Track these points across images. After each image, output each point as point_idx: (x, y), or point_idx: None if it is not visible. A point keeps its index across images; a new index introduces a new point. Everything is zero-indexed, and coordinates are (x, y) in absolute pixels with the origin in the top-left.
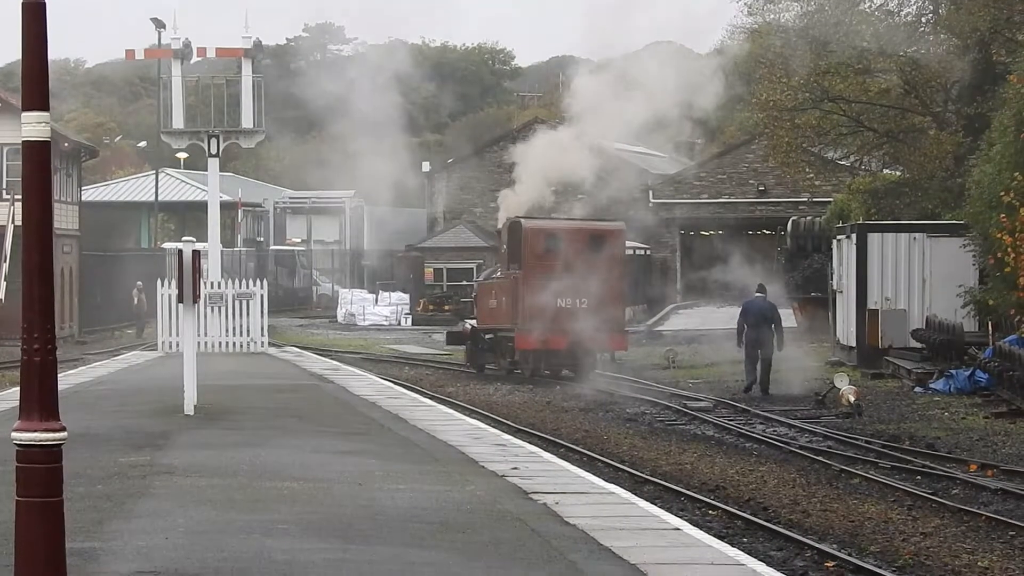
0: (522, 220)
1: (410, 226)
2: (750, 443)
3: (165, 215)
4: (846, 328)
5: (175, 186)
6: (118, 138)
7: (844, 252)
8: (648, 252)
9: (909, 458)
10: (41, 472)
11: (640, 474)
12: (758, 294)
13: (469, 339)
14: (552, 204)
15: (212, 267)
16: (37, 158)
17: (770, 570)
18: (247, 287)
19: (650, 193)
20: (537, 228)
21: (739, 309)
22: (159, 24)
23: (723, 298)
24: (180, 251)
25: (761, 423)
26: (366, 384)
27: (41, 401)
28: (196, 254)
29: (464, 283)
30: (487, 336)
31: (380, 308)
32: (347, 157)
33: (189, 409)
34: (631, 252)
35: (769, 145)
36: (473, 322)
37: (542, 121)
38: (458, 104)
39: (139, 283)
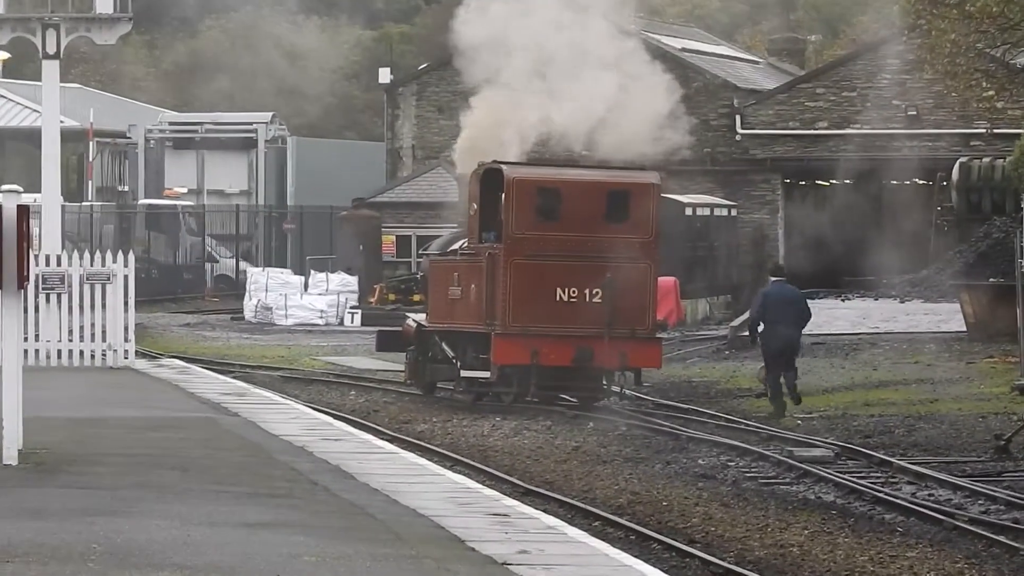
0: (503, 167)
1: (360, 169)
2: (892, 513)
3: None
4: None
5: None
6: None
7: None
8: (734, 213)
9: None
10: None
11: (720, 563)
12: (776, 278)
13: (413, 344)
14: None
15: (49, 232)
16: None
17: None
18: (102, 263)
19: (737, 119)
20: (527, 180)
21: (866, 301)
22: None
23: (852, 285)
24: None
25: (910, 482)
26: (289, 418)
27: None
28: (23, 212)
29: None
30: (443, 341)
31: (312, 298)
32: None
33: (11, 457)
34: (707, 213)
35: (925, 45)
36: (421, 318)
37: None
38: None
39: None
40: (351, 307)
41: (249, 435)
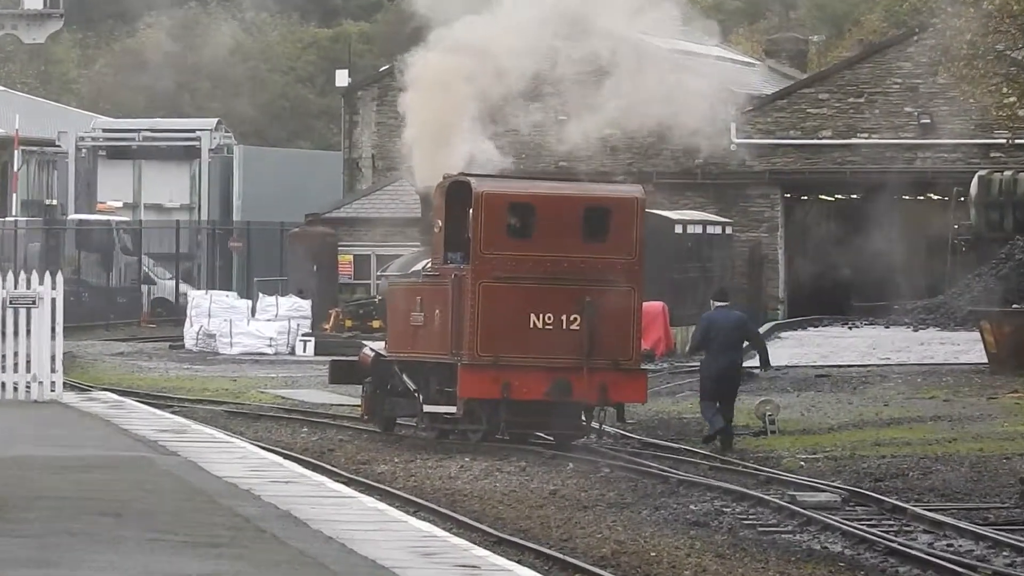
0: (471, 180)
1: (314, 181)
2: (906, 566)
3: None
4: None
5: None
6: None
7: None
8: (728, 231)
9: None
10: None
11: None
12: (719, 303)
13: (370, 376)
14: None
15: None
16: None
17: None
18: (27, 285)
19: (732, 128)
20: (497, 194)
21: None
22: None
23: (861, 312)
24: None
25: (926, 530)
26: (234, 458)
27: None
28: None
29: None
30: (403, 372)
31: (260, 324)
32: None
33: None
34: (698, 231)
35: (939, 46)
36: (379, 347)
37: None
38: None
39: None
40: (303, 334)
41: (189, 477)
